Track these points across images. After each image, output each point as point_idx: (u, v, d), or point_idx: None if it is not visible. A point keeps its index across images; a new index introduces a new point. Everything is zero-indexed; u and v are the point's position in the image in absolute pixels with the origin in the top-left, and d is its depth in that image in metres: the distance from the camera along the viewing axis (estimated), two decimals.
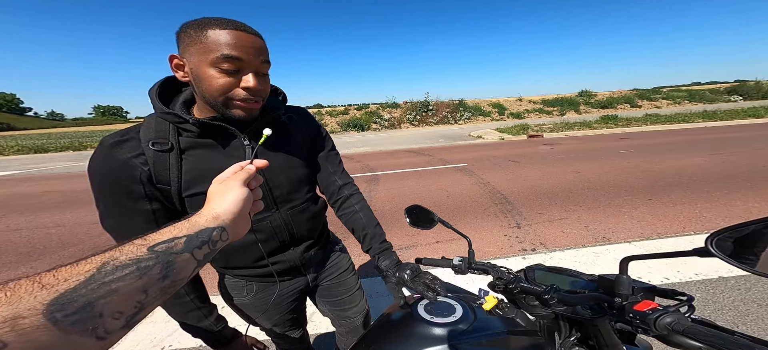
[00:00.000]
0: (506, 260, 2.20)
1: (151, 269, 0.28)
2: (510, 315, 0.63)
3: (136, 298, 0.27)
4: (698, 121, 10.68)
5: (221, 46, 0.51)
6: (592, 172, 4.48)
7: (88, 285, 0.24)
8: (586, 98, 21.86)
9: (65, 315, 0.22)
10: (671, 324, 0.38)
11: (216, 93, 0.54)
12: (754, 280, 1.70)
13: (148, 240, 0.30)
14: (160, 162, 0.57)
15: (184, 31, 0.54)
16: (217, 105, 0.56)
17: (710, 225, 2.52)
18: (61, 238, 3.16)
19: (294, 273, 0.79)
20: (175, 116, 0.57)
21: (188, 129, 0.58)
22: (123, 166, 0.54)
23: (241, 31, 0.53)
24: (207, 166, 0.60)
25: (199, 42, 0.52)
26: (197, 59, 0.53)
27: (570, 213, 2.99)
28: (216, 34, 0.52)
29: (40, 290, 0.22)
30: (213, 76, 0.53)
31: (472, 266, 0.72)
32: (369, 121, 17.47)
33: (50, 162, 10.70)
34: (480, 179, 4.50)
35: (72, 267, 0.25)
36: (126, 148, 0.55)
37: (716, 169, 4.18)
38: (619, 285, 0.47)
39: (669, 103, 21.06)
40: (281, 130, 0.69)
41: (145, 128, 0.58)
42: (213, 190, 0.41)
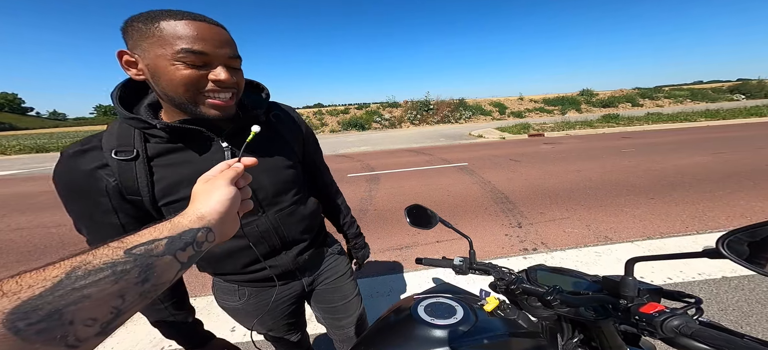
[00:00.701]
0: (507, 260, 2.18)
1: (129, 273, 0.27)
2: (512, 317, 0.62)
3: (112, 303, 0.26)
4: (700, 120, 10.62)
5: (180, 39, 0.46)
6: (593, 171, 4.46)
7: (55, 292, 0.23)
8: (587, 97, 21.77)
9: (28, 324, 0.21)
10: (678, 327, 0.37)
11: (180, 88, 0.48)
12: (758, 281, 1.69)
13: (124, 242, 0.28)
14: (125, 172, 0.52)
15: (131, 25, 0.48)
16: (184, 103, 0.50)
17: (712, 224, 2.50)
18: (62, 238, 3.16)
19: (288, 277, 0.76)
20: (138, 121, 0.52)
21: (155, 134, 0.53)
22: (87, 178, 0.51)
23: (201, 21, 0.48)
24: (182, 172, 0.55)
25: (152, 35, 0.46)
26: (152, 54, 0.47)
27: (571, 213, 2.98)
28: (172, 26, 0.46)
29: (1, 298, 0.21)
30: (174, 70, 0.47)
31: (473, 266, 0.71)
32: (369, 120, 17.46)
33: (52, 161, 10.69)
34: (481, 178, 4.49)
35: (37, 272, 0.23)
36: (88, 158, 0.51)
37: (718, 168, 4.15)
38: (624, 286, 0.46)
39: (671, 102, 20.97)
40: (264, 129, 0.60)
41: (107, 135, 0.53)
42: (198, 189, 0.39)
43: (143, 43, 0.47)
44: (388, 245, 2.50)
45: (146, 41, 0.47)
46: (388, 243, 2.53)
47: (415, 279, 2.01)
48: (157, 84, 0.50)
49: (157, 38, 0.47)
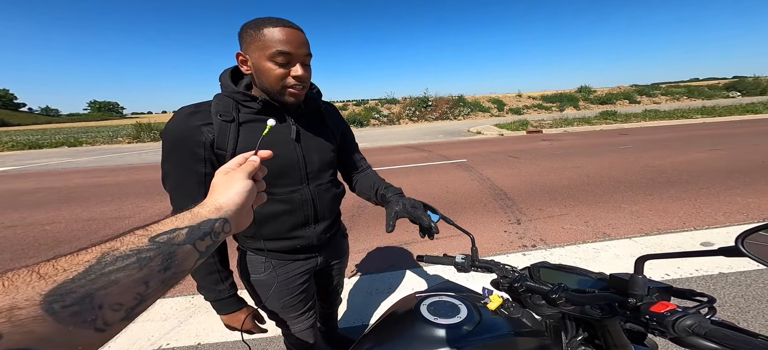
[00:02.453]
0: (506, 256, 2.19)
1: (152, 260, 0.28)
2: (516, 315, 0.61)
3: (137, 290, 0.27)
4: (697, 116, 10.69)
5: (275, 42, 0.63)
6: (591, 168, 4.48)
7: (88, 276, 0.24)
8: (585, 94, 21.81)
9: (63, 306, 0.22)
10: (691, 327, 0.36)
11: (274, 82, 0.67)
12: (755, 276, 1.70)
13: (149, 231, 0.30)
14: (223, 131, 0.68)
15: (245, 32, 0.66)
16: (273, 93, 0.69)
17: (710, 221, 2.52)
18: (56, 235, 3.12)
19: (309, 251, 0.86)
20: (242, 95, 0.69)
21: (249, 106, 0.71)
22: (194, 131, 0.66)
23: (289, 27, 0.64)
24: (259, 136, 0.64)
25: (258, 40, 0.64)
26: (257, 55, 0.65)
27: (570, 209, 2.99)
28: (270, 33, 0.63)
29: (39, 280, 0.22)
30: (271, 69, 0.65)
31: (475, 264, 0.70)
32: (368, 116, 17.36)
33: (45, 158, 10.58)
34: (479, 175, 4.49)
35: (72, 257, 0.24)
36: (198, 117, 0.67)
37: (715, 165, 4.18)
38: (634, 285, 0.45)
39: (668, 99, 21.07)
40: (318, 118, 0.83)
41: (214, 103, 0.70)
42: (217, 181, 0.40)
43: (252, 45, 0.65)
44: (387, 242, 2.49)
45: (253, 44, 0.65)
46: (388, 239, 2.52)
47: (416, 275, 2.01)
48: (258, 77, 0.68)
49: (261, 42, 0.64)
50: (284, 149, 0.73)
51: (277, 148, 0.65)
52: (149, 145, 13.20)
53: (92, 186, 5.39)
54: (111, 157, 9.70)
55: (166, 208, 2.69)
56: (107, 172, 7.02)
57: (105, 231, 3.18)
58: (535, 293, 0.58)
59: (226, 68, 0.76)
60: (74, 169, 7.64)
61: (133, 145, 13.92)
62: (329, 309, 1.22)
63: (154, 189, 4.88)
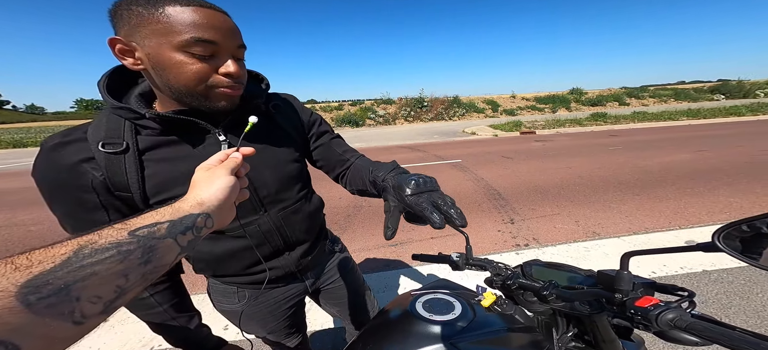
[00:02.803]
0: (500, 255, 2.22)
1: (132, 253, 0.27)
2: (508, 312, 0.63)
3: (116, 282, 0.26)
4: (683, 118, 11.01)
5: (189, 26, 0.43)
6: (582, 168, 4.57)
7: (65, 268, 0.23)
8: (577, 96, 22.22)
9: (39, 298, 0.22)
10: (673, 320, 0.38)
11: (192, 82, 0.45)
12: (737, 274, 1.77)
13: (128, 224, 0.29)
14: (114, 166, 0.48)
15: (128, 9, 0.43)
16: (194, 95, 0.47)
17: (694, 220, 2.60)
18: (41, 236, 3.04)
19: (290, 279, 0.74)
20: (128, 111, 0.48)
21: (147, 125, 0.49)
22: (69, 173, 0.46)
23: (209, 8, 0.44)
24: (177, 168, 0.51)
25: (156, 21, 0.42)
26: (155, 42, 0.43)
27: (562, 209, 3.05)
28: (178, 12, 0.42)
29: (13, 272, 0.21)
30: (182, 62, 0.44)
31: (469, 262, 0.71)
32: (364, 116, 17.34)
33: (29, 157, 10.23)
34: (474, 175, 4.54)
35: (47, 249, 0.24)
36: (71, 150, 0.46)
37: (700, 166, 4.31)
38: (619, 280, 0.47)
39: (656, 101, 21.64)
40: (264, 121, 0.59)
41: (94, 127, 0.48)
42: (198, 177, 0.39)
43: (143, 29, 0.43)
44: (383, 241, 2.50)
45: (147, 28, 0.43)
46: (383, 239, 2.53)
47: (411, 274, 2.02)
48: (159, 75, 0.46)
49: (162, 25, 0.43)
50: None
51: None
52: None
53: None
54: None
55: None
56: None
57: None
58: (527, 290, 0.59)
59: (109, 70, 0.52)
60: None
61: None
62: (364, 314, 0.94)
63: None
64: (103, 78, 0.51)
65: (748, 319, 1.46)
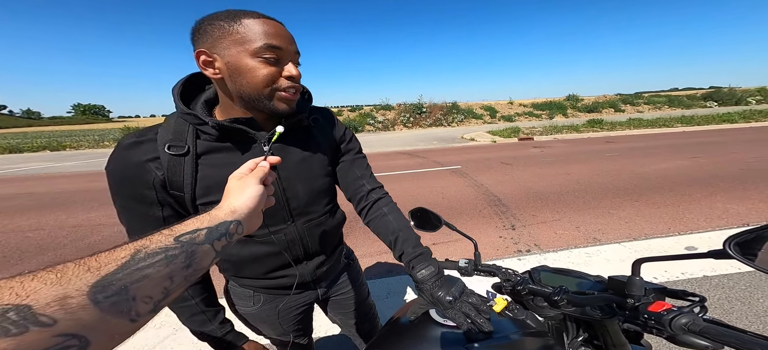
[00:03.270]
0: (503, 261, 2.23)
1: (177, 258, 0.30)
2: (520, 317, 0.63)
3: (164, 285, 0.29)
4: (677, 125, 11.19)
5: (261, 35, 0.49)
6: (580, 174, 4.61)
7: (125, 270, 0.26)
8: (573, 102, 22.54)
9: (105, 297, 0.24)
10: (687, 325, 0.39)
11: (261, 84, 0.51)
12: (736, 279, 1.79)
13: (174, 230, 0.32)
14: (174, 166, 0.53)
15: (212, 24, 0.50)
16: (260, 98, 0.53)
17: (693, 225, 2.63)
18: (39, 242, 3.00)
19: (304, 287, 0.77)
20: (194, 117, 0.53)
21: (207, 131, 0.54)
22: (137, 169, 0.52)
23: (273, 20, 0.52)
24: (223, 174, 0.52)
25: (235, 33, 0.49)
26: (235, 51, 0.49)
27: (562, 215, 3.07)
28: (252, 23, 0.49)
29: (86, 272, 0.24)
30: (256, 67, 0.50)
31: (478, 268, 0.71)
32: (363, 122, 17.43)
33: (25, 162, 10.16)
34: (474, 181, 4.56)
35: (110, 253, 0.27)
36: (142, 150, 0.52)
37: (695, 172, 4.37)
38: (632, 286, 0.48)
39: (650, 108, 21.99)
40: (303, 135, 0.64)
41: (163, 129, 0.55)
42: (231, 186, 0.42)
43: (225, 40, 0.49)
44: (385, 247, 2.50)
45: (228, 39, 0.49)
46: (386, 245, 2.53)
47: None
48: (234, 81, 0.52)
49: (240, 35, 0.49)
50: None
51: None
52: None
53: (77, 192, 5.21)
54: (97, 162, 9.39)
55: None
56: (93, 176, 6.79)
57: (92, 238, 3.07)
58: (537, 295, 0.60)
59: (182, 78, 0.58)
60: (58, 174, 7.36)
61: None
62: (367, 326, 0.96)
63: None
64: (178, 85, 0.57)
65: (751, 324, 1.47)
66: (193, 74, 0.58)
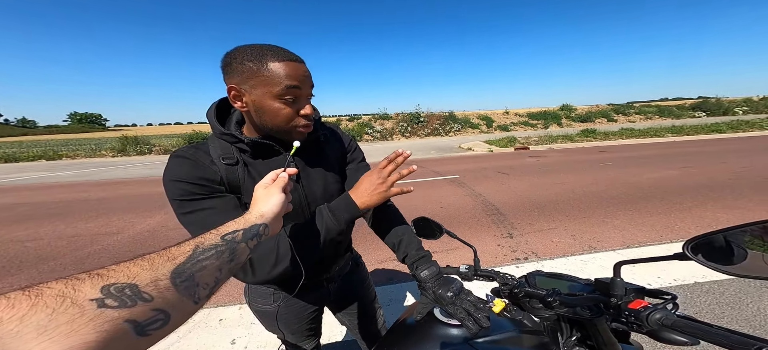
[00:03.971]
0: (501, 268, 2.26)
1: (224, 253, 0.36)
2: (517, 317, 0.68)
3: (215, 275, 0.35)
4: (668, 135, 11.44)
5: (283, 77, 0.55)
6: (576, 184, 4.71)
7: (191, 261, 0.32)
8: (567, 112, 22.98)
9: (181, 281, 0.30)
10: (660, 320, 0.44)
11: (282, 124, 0.59)
12: (727, 285, 1.85)
13: (220, 231, 0.38)
14: (231, 174, 0.62)
15: (241, 63, 0.55)
16: (281, 132, 0.61)
17: (684, 234, 2.71)
18: (38, 252, 2.98)
19: (318, 287, 0.84)
20: (231, 136, 0.62)
21: (243, 148, 0.64)
22: (206, 170, 0.59)
23: (295, 61, 0.57)
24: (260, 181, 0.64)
25: (260, 75, 0.55)
26: (260, 92, 0.56)
27: (558, 224, 3.13)
28: (277, 67, 0.55)
29: (167, 262, 0.30)
30: (278, 108, 0.57)
31: (478, 273, 0.76)
32: (361, 132, 17.56)
33: (21, 172, 10.05)
34: (472, 190, 4.63)
35: (179, 247, 0.33)
36: (202, 157, 0.61)
37: (687, 181, 4.49)
38: (614, 286, 0.53)
39: (641, 118, 22.47)
40: (317, 149, 0.73)
41: (211, 145, 0.63)
42: (258, 195, 0.49)
43: (252, 80, 0.56)
44: (385, 256, 2.53)
45: (255, 79, 0.56)
46: (386, 253, 2.56)
47: (414, 288, 2.05)
48: (259, 117, 0.60)
49: (265, 78, 0.55)
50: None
51: None
52: (136, 159, 12.81)
53: (75, 202, 5.18)
54: (94, 171, 9.34)
55: (155, 224, 2.74)
56: (90, 186, 6.75)
57: (91, 248, 3.06)
58: (532, 297, 0.65)
59: (213, 103, 0.67)
60: (55, 184, 7.30)
61: (117, 158, 13.46)
62: (373, 328, 1.02)
63: (142, 205, 4.73)
64: (212, 110, 0.66)
65: (741, 328, 1.53)
66: (222, 99, 0.67)
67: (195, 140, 7.19)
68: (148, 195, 5.47)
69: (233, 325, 1.78)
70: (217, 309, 1.95)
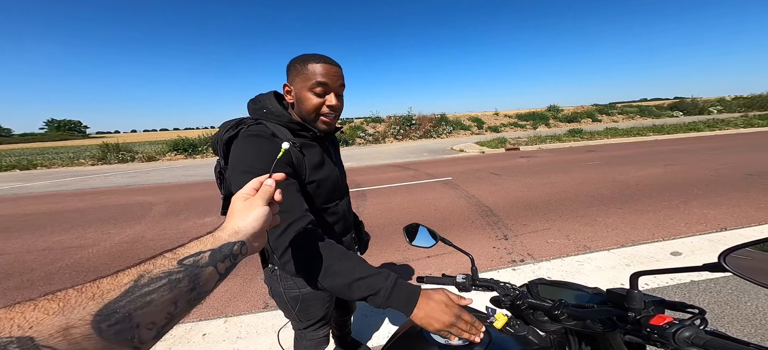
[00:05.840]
0: (498, 272, 2.23)
1: (181, 282, 0.30)
2: (522, 333, 0.62)
3: (167, 310, 0.28)
4: (650, 134, 11.89)
5: (316, 74, 0.71)
6: (566, 184, 4.77)
7: (128, 297, 0.26)
8: (554, 113, 23.61)
9: (109, 326, 0.24)
10: (690, 338, 0.39)
11: (311, 110, 0.75)
12: (723, 283, 1.85)
13: (177, 254, 0.32)
14: (298, 157, 0.73)
15: (293, 66, 0.74)
16: (309, 119, 0.77)
17: (675, 231, 2.75)
18: (6, 268, 2.75)
19: None
20: (300, 125, 0.77)
21: (303, 135, 0.78)
22: (287, 152, 0.69)
23: (329, 63, 0.73)
24: (315, 160, 0.79)
25: (302, 72, 0.73)
26: (300, 85, 0.74)
27: (551, 224, 3.13)
28: (313, 67, 0.72)
29: (89, 301, 0.24)
30: (309, 98, 0.73)
31: (476, 283, 0.70)
32: (353, 135, 17.47)
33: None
34: (465, 192, 4.62)
35: (112, 278, 0.27)
36: (274, 141, 0.70)
37: (671, 179, 4.62)
38: (631, 299, 0.48)
39: (624, 118, 23.33)
40: (334, 139, 0.96)
41: (277, 130, 0.74)
42: (237, 207, 0.42)
43: (296, 77, 0.74)
44: (379, 262, 2.45)
45: (298, 76, 0.73)
46: (380, 259, 2.48)
47: None
48: (299, 105, 0.76)
49: (304, 75, 0.73)
50: (329, 168, 0.82)
51: (325, 169, 0.80)
52: (117, 167, 12.27)
53: (48, 213, 4.87)
54: (71, 181, 8.87)
55: (134, 235, 2.57)
56: (66, 196, 6.39)
57: (64, 262, 2.85)
58: (537, 310, 0.59)
59: (266, 94, 0.82)
60: (27, 195, 6.88)
61: (97, 167, 12.87)
62: (346, 315, 1.31)
63: (121, 215, 4.49)
64: (273, 100, 0.80)
65: (742, 328, 1.52)
66: (257, 96, 0.83)
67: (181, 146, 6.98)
68: (127, 205, 5.21)
69: (218, 340, 1.67)
70: (200, 323, 1.83)
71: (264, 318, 1.85)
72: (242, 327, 1.78)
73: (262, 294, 2.09)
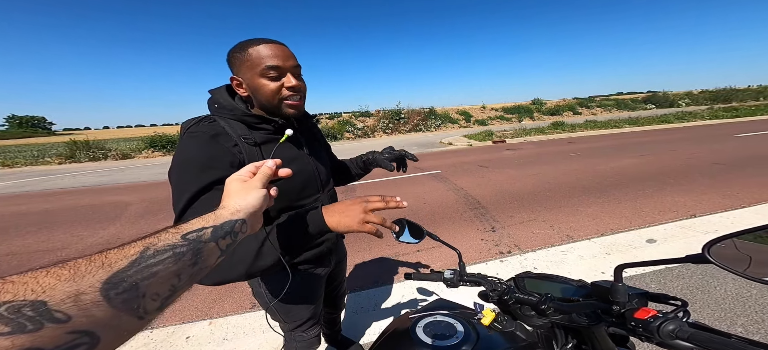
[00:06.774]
0: (486, 264, 2.27)
1: (184, 255, 0.31)
2: (509, 329, 0.63)
3: (171, 282, 0.29)
4: (626, 126, 12.47)
5: (263, 58, 0.65)
6: (549, 175, 4.93)
7: (135, 266, 0.26)
8: (538, 106, 24.28)
9: (117, 293, 0.24)
10: (674, 331, 0.39)
11: (271, 96, 0.67)
12: (694, 269, 1.97)
13: (180, 229, 0.33)
14: (251, 153, 0.67)
15: (233, 56, 0.68)
16: (273, 107, 0.69)
17: (649, 219, 2.90)
18: None
19: (328, 255, 0.91)
20: (257, 118, 0.69)
21: (263, 128, 0.71)
22: (227, 153, 0.63)
23: (273, 43, 0.66)
24: (282, 154, 0.71)
25: (246, 60, 0.66)
26: (249, 74, 0.67)
27: (536, 215, 3.23)
28: (256, 50, 0.65)
29: (98, 269, 0.24)
30: (265, 84, 0.67)
31: (463, 278, 0.71)
32: (342, 130, 17.22)
33: None
34: (454, 185, 4.67)
35: (120, 249, 0.27)
36: (223, 139, 0.64)
37: (645, 169, 4.88)
38: (615, 293, 0.48)
39: (602, 111, 24.35)
40: (314, 131, 0.91)
41: (229, 127, 0.68)
42: (234, 188, 0.44)
43: (241, 66, 0.67)
44: (368, 257, 2.44)
45: (243, 65, 0.67)
46: (369, 255, 2.47)
47: (400, 291, 1.98)
48: (255, 96, 0.69)
49: (249, 63, 0.66)
50: (302, 163, 0.78)
51: (296, 164, 0.74)
52: (87, 166, 11.51)
53: (11, 216, 4.50)
54: (37, 181, 8.25)
55: (108, 236, 2.43)
56: (32, 197, 5.94)
57: (30, 267, 2.64)
58: (524, 304, 0.60)
59: (217, 88, 0.74)
60: None
61: (65, 165, 12.02)
62: (335, 312, 1.31)
63: (93, 216, 4.22)
64: (224, 94, 0.72)
65: (713, 312, 1.62)
66: (219, 87, 0.75)
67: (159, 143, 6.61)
68: (100, 205, 4.90)
69: (203, 343, 1.61)
70: (184, 325, 1.76)
71: (251, 318, 1.80)
72: (228, 328, 1.72)
73: (248, 294, 2.03)
